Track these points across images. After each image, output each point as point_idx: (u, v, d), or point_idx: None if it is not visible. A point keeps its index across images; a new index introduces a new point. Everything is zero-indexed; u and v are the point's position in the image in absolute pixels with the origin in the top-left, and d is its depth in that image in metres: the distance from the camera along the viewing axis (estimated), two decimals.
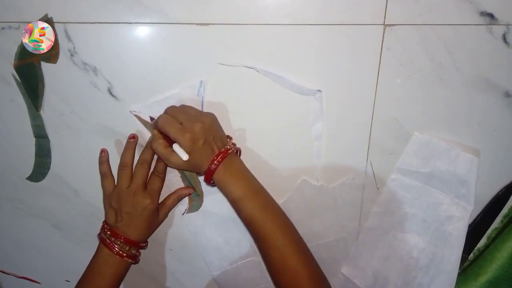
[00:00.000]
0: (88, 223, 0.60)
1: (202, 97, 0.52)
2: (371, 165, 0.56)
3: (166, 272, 0.64)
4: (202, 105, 0.53)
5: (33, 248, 0.64)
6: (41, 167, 0.57)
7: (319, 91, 0.52)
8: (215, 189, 0.57)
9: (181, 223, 0.60)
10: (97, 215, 0.60)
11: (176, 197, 0.56)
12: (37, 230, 0.62)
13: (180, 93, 0.52)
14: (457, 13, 0.48)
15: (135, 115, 0.53)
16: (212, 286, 0.64)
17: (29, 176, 0.58)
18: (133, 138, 0.53)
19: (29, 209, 0.60)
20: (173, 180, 0.57)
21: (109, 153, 0.55)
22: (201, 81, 0.51)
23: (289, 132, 0.55)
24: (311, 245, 0.60)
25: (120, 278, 0.51)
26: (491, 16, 0.48)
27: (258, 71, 0.51)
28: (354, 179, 0.57)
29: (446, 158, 0.54)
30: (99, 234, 0.52)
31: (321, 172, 0.57)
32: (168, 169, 0.55)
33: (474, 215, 0.58)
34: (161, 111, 0.51)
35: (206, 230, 0.60)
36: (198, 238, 0.60)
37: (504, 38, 0.50)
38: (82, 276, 0.50)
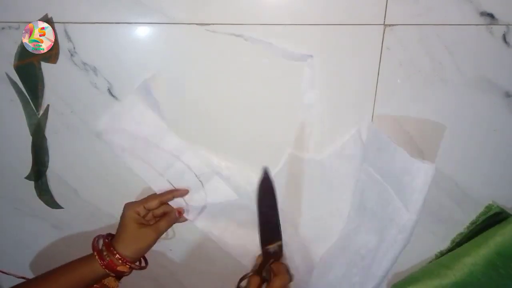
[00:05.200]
0: (88, 223, 0.60)
1: (153, 94, 0.52)
2: (359, 134, 0.55)
3: (166, 272, 0.64)
4: (157, 101, 0.52)
5: (33, 248, 0.64)
6: (38, 166, 0.57)
7: (311, 56, 0.51)
8: (206, 178, 0.56)
9: (181, 223, 0.59)
10: (97, 215, 0.60)
11: (166, 221, 0.55)
12: (37, 230, 0.62)
13: (130, 100, 0.52)
14: (457, 13, 0.48)
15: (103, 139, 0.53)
16: (212, 286, 0.64)
17: (27, 176, 0.58)
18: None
19: (29, 209, 0.60)
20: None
21: (106, 152, 0.55)
22: (145, 80, 0.51)
23: (279, 102, 0.54)
24: (305, 217, 0.59)
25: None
26: (491, 16, 0.48)
27: (246, 40, 0.50)
28: (343, 149, 0.56)
29: (388, 152, 0.49)
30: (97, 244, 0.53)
31: (311, 142, 0.56)
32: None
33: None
34: (122, 121, 0.53)
35: (210, 220, 0.59)
36: (203, 229, 0.60)
37: (504, 38, 0.50)
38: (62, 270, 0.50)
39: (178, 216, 0.56)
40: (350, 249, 0.57)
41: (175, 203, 0.57)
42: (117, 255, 0.50)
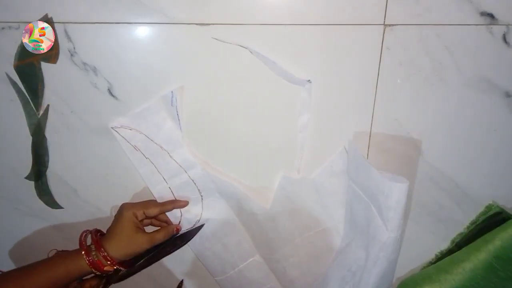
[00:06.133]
0: (88, 223, 0.60)
1: (176, 106, 0.52)
2: (346, 150, 0.56)
3: (166, 272, 0.64)
4: (178, 114, 0.53)
5: (33, 248, 0.64)
6: (38, 166, 0.57)
7: (309, 81, 0.52)
8: (208, 194, 0.57)
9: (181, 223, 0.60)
10: (97, 215, 0.60)
11: (163, 234, 0.54)
12: (37, 230, 0.62)
13: (156, 104, 0.52)
14: (457, 13, 0.48)
15: (116, 131, 0.53)
16: (212, 286, 0.64)
17: (27, 175, 0.58)
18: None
19: (29, 209, 0.60)
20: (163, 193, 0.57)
21: (107, 153, 0.56)
22: (172, 91, 0.52)
23: (275, 121, 0.54)
24: (305, 236, 0.60)
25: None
26: (491, 16, 0.48)
27: (251, 52, 0.50)
28: (332, 166, 0.56)
29: (364, 171, 0.51)
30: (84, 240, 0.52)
31: (303, 163, 0.56)
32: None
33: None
34: (143, 123, 0.53)
35: (203, 239, 0.59)
36: (196, 247, 0.60)
37: (504, 38, 0.50)
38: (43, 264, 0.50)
39: (175, 232, 0.56)
40: (343, 265, 0.58)
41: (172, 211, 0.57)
42: (106, 255, 0.49)
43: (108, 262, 0.49)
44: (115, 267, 0.50)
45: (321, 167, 0.56)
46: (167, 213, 0.57)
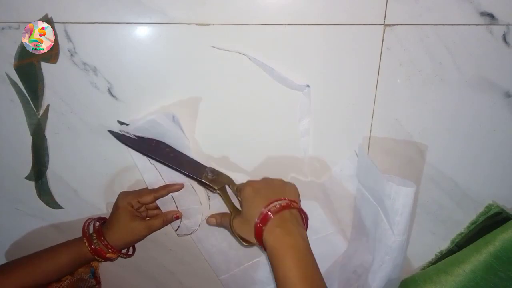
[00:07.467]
0: None
1: (179, 123, 0.52)
2: (356, 154, 0.56)
3: (166, 272, 0.64)
4: (182, 129, 0.53)
5: (33, 248, 0.63)
6: (39, 166, 0.57)
7: (308, 86, 0.52)
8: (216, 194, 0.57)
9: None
10: (97, 215, 0.60)
11: (161, 221, 0.54)
12: (37, 230, 0.62)
13: (159, 118, 0.51)
14: (457, 13, 0.48)
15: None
16: (212, 286, 0.64)
17: (27, 176, 0.58)
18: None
19: (29, 209, 0.60)
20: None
21: (106, 153, 0.56)
22: (173, 116, 0.52)
23: (277, 126, 0.55)
24: (312, 240, 0.60)
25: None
26: (491, 16, 0.48)
27: (250, 59, 0.51)
28: (342, 170, 0.56)
29: (372, 176, 0.51)
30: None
31: (309, 167, 0.56)
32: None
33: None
34: (147, 133, 0.52)
35: (210, 236, 0.59)
36: (202, 244, 0.60)
37: (504, 38, 0.50)
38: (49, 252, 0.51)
39: (174, 219, 0.56)
40: (348, 267, 0.58)
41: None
42: (107, 244, 0.51)
43: (110, 250, 0.51)
44: (117, 254, 0.52)
45: (329, 171, 0.56)
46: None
